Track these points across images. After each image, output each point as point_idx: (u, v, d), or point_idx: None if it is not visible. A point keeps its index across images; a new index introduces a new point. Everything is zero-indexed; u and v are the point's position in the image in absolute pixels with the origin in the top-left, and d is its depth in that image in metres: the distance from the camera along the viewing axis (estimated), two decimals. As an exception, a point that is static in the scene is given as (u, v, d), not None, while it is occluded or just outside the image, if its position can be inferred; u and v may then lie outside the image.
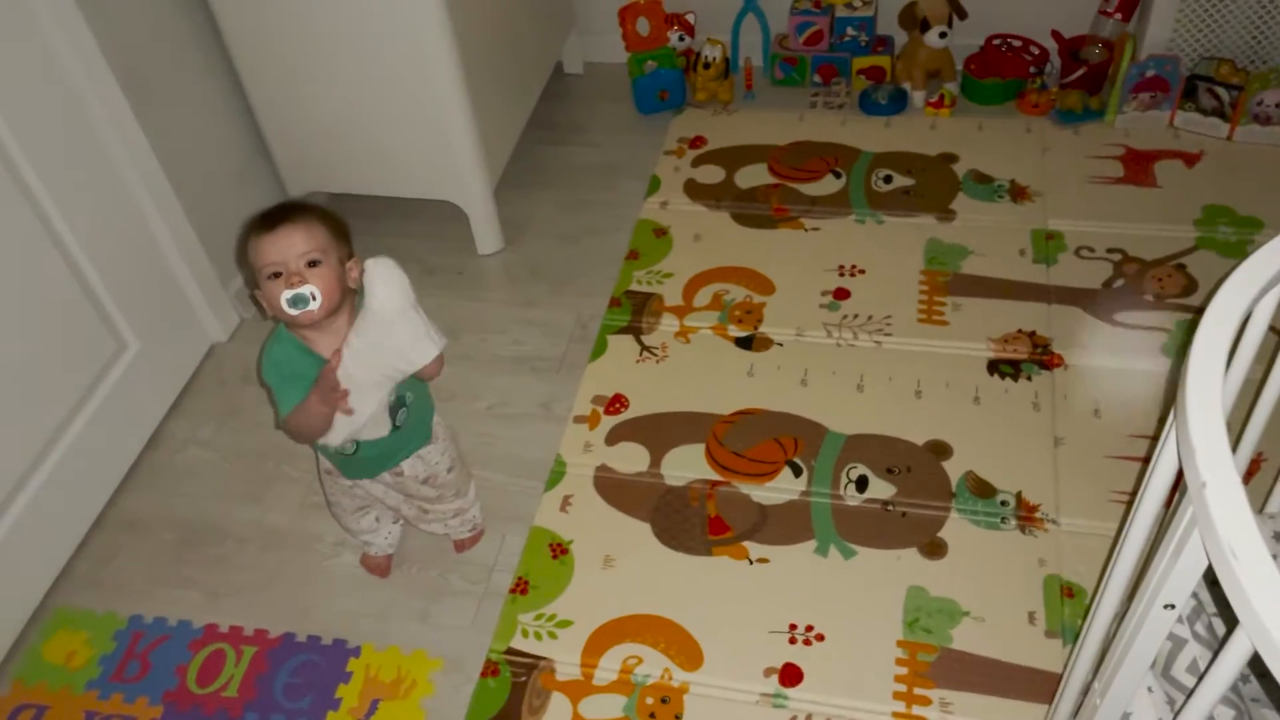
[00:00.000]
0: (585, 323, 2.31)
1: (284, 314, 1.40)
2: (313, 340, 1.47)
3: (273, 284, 1.38)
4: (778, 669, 1.68)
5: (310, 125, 2.33)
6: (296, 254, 1.38)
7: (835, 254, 2.36)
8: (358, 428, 1.50)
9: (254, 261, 1.40)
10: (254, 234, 1.40)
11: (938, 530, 1.84)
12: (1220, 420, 0.83)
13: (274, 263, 1.38)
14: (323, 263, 1.40)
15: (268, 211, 1.43)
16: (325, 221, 1.43)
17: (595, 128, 2.84)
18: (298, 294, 1.37)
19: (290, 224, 1.39)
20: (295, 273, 1.37)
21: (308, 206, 1.44)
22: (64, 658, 1.82)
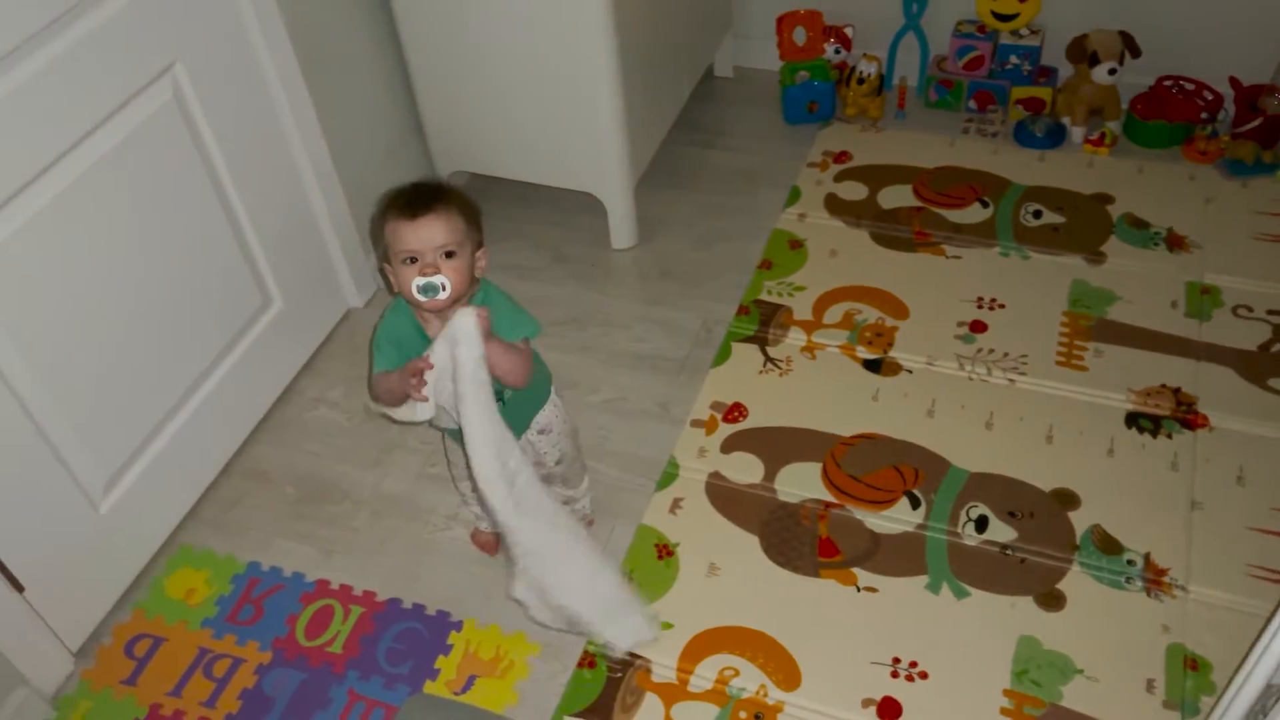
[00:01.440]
0: (711, 327, 2.30)
1: (412, 297, 1.44)
2: (428, 321, 1.51)
3: (407, 268, 1.42)
4: (876, 701, 1.65)
5: (465, 107, 2.38)
6: (435, 245, 1.41)
7: (975, 285, 2.30)
8: (430, 415, 1.52)
9: (390, 242, 1.44)
10: (394, 216, 1.42)
11: (1057, 581, 1.77)
12: None
13: (411, 250, 1.41)
14: (457, 254, 1.43)
15: (409, 192, 1.45)
16: (464, 212, 1.46)
17: (740, 133, 2.83)
18: (429, 283, 1.41)
19: (433, 214, 1.41)
20: (430, 263, 1.41)
21: (448, 191, 1.47)
22: (184, 594, 1.90)
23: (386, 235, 1.44)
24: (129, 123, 1.70)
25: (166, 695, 1.76)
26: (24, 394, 1.61)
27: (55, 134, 1.58)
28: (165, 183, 1.80)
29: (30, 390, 1.62)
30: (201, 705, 1.74)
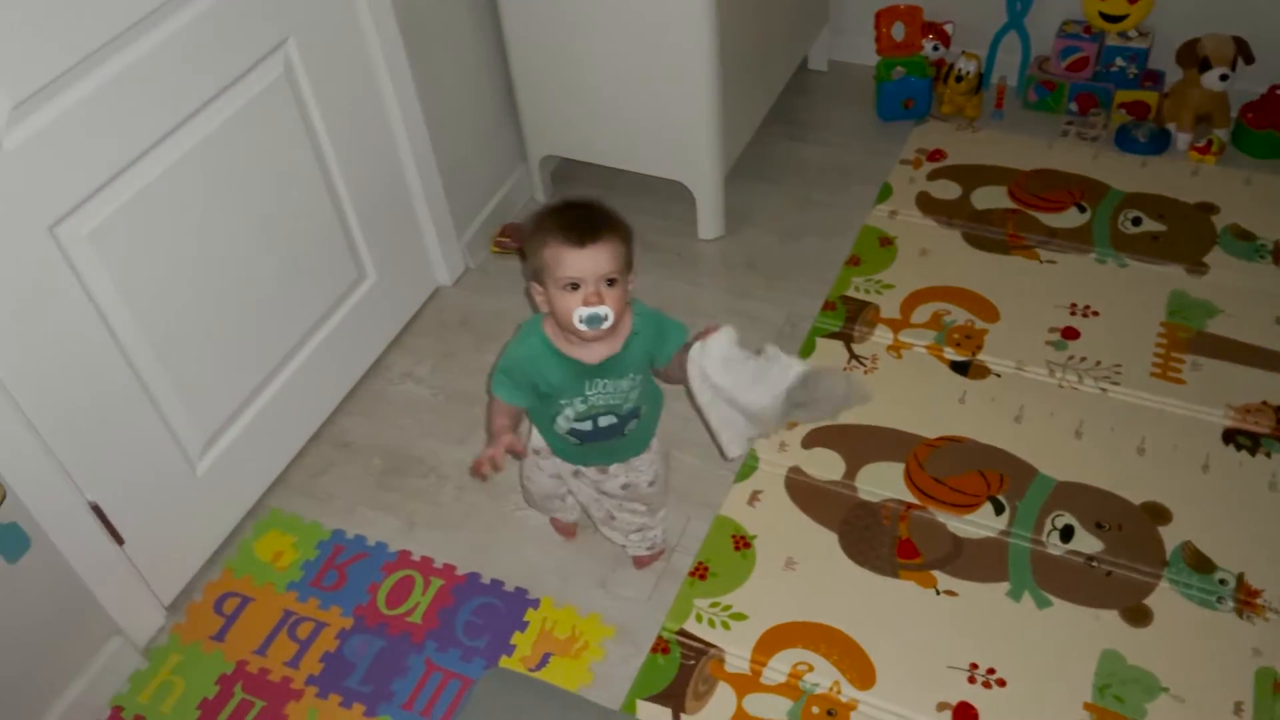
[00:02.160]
0: (796, 322, 2.29)
1: (572, 327, 1.40)
2: (574, 345, 1.47)
3: (567, 295, 1.37)
4: (952, 705, 1.63)
5: (561, 92, 2.39)
6: (599, 274, 1.36)
7: (1069, 291, 2.26)
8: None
9: (549, 265, 1.38)
10: (558, 240, 1.36)
11: (1144, 596, 1.74)
12: None
13: (574, 277, 1.36)
14: (618, 282, 1.39)
15: (573, 215, 1.39)
16: (625, 238, 1.41)
17: (832, 128, 2.81)
18: (594, 314, 1.36)
19: (601, 242, 1.36)
20: (594, 292, 1.36)
21: (611, 217, 1.41)
22: (271, 556, 1.96)
23: (544, 257, 1.38)
24: (242, 96, 1.75)
25: (252, 653, 1.81)
26: (134, 356, 1.67)
27: (172, 106, 1.63)
28: (273, 156, 1.85)
29: (140, 352, 1.68)
30: (285, 665, 1.79)
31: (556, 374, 1.49)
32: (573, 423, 1.54)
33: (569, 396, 1.51)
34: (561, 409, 1.53)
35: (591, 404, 1.52)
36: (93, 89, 1.49)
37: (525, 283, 1.57)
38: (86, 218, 1.54)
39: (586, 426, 1.55)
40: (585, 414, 1.53)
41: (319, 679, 1.77)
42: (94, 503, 1.67)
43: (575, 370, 1.49)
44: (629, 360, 1.50)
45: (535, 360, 1.49)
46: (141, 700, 1.77)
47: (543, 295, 1.43)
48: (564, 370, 1.48)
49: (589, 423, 1.54)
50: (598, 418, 1.54)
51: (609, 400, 1.53)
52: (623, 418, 1.56)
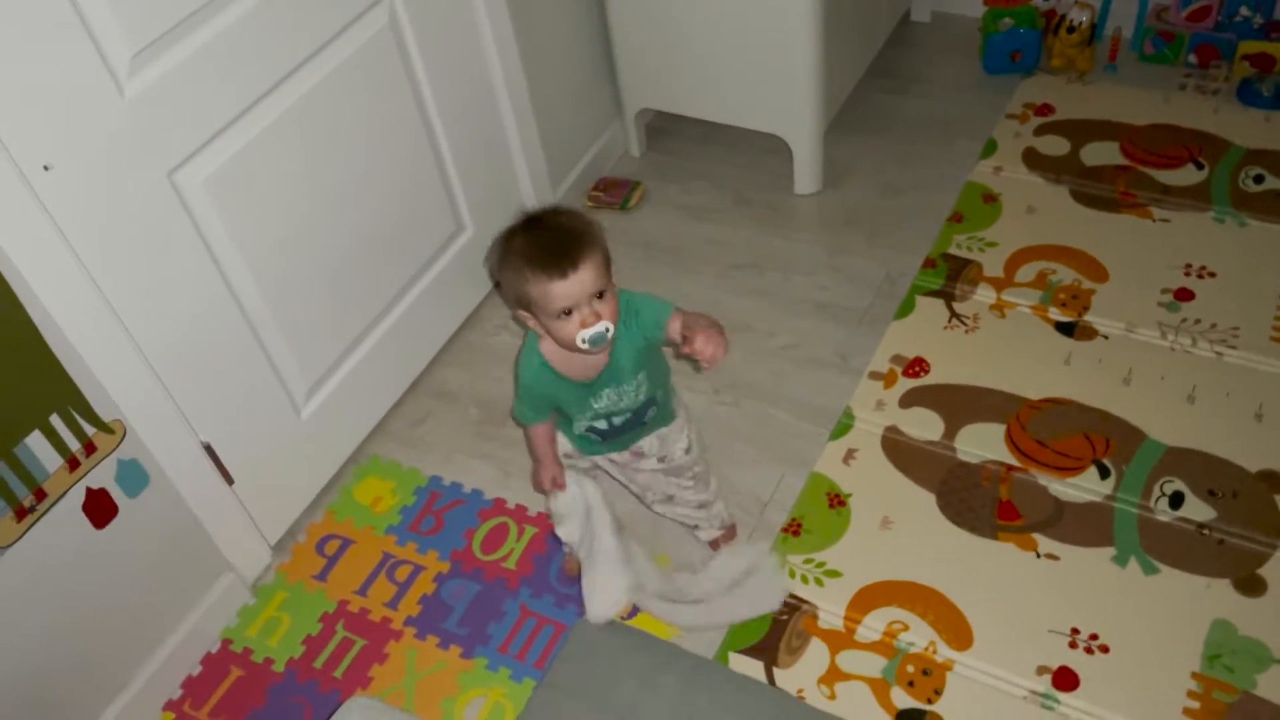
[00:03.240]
0: (895, 279, 2.25)
1: (576, 349, 1.37)
2: (571, 363, 1.45)
3: (564, 322, 1.33)
4: (1052, 669, 1.60)
5: (658, 44, 2.37)
6: (589, 294, 1.31)
7: (1184, 251, 2.17)
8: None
9: (539, 300, 1.33)
10: (539, 277, 1.30)
11: (1258, 566, 1.68)
12: None
13: (566, 305, 1.32)
14: (606, 291, 1.34)
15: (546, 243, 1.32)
16: (602, 245, 1.34)
17: (935, 80, 2.73)
18: (596, 334, 1.33)
19: (582, 267, 1.30)
20: (591, 312, 1.32)
21: (581, 232, 1.33)
22: (371, 500, 2.01)
23: (530, 294, 1.33)
24: (348, 47, 1.77)
25: (353, 593, 1.87)
26: (245, 301, 1.72)
27: (281, 57, 1.65)
28: (377, 107, 1.87)
29: (251, 298, 1.73)
30: (385, 605, 1.84)
31: (561, 393, 1.49)
32: (589, 423, 1.54)
33: (579, 411, 1.52)
34: (575, 418, 1.54)
35: (598, 412, 1.52)
36: (206, 40, 1.52)
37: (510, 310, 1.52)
38: (202, 165, 1.58)
39: (603, 426, 1.55)
40: (602, 416, 1.53)
41: (417, 620, 1.81)
42: (206, 443, 1.73)
43: (576, 389, 1.48)
44: (623, 364, 1.46)
45: (540, 383, 1.48)
46: (250, 634, 1.84)
47: (534, 321, 1.39)
48: (567, 389, 1.48)
49: (604, 422, 1.54)
50: (611, 418, 1.54)
51: (617, 405, 1.51)
52: (638, 411, 1.54)
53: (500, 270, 1.39)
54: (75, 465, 1.49)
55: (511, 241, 1.36)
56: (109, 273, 1.47)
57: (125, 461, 1.58)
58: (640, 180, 2.58)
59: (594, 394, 1.49)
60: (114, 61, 1.41)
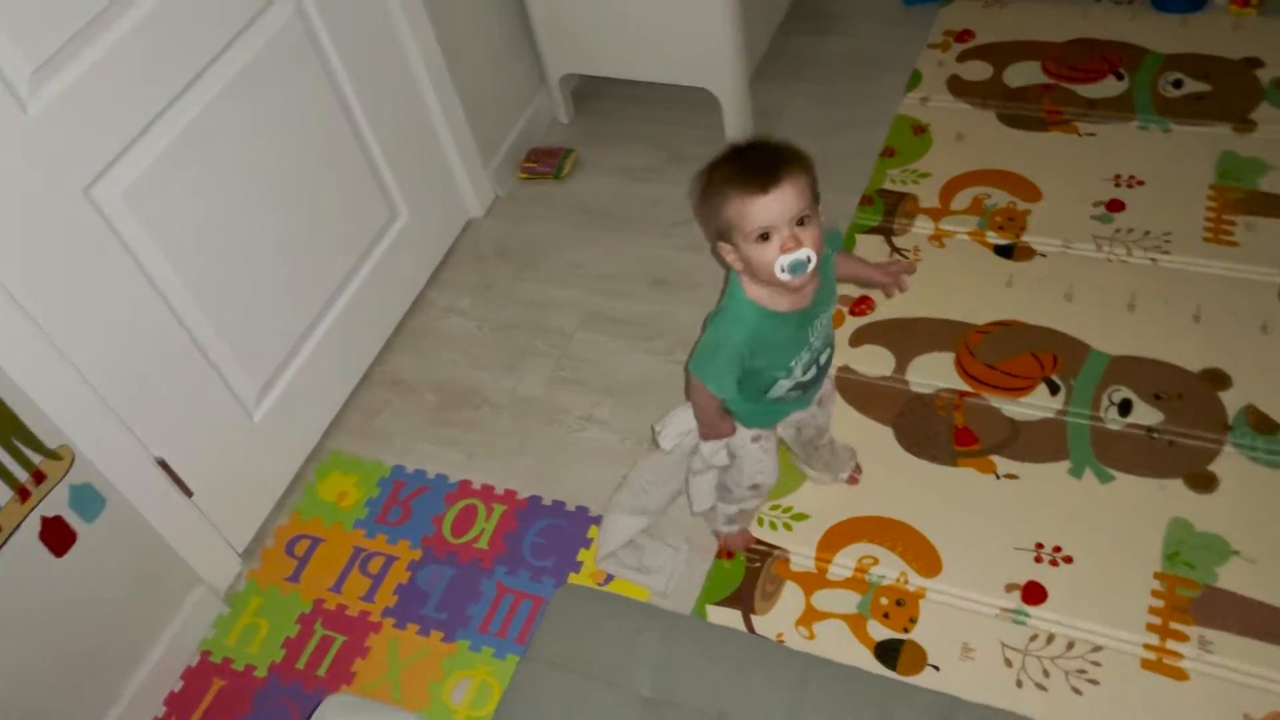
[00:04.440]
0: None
1: (775, 280, 1.27)
2: (785, 295, 1.34)
3: (762, 247, 1.25)
4: (1020, 585, 1.64)
5: (576, 7, 2.35)
6: (790, 216, 1.24)
7: (1112, 162, 2.20)
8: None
9: (734, 220, 1.26)
10: (738, 191, 1.24)
11: (1208, 463, 1.72)
12: None
13: (765, 226, 1.24)
14: (810, 218, 1.27)
15: (748, 160, 1.27)
16: (808, 169, 1.28)
17: (856, 17, 2.73)
18: (796, 260, 1.24)
19: (784, 184, 1.23)
20: (790, 236, 1.24)
21: (787, 152, 1.28)
22: (336, 496, 2.00)
23: (728, 214, 1.26)
24: (256, 41, 1.73)
25: (328, 590, 1.86)
26: (181, 311, 1.69)
27: (187, 58, 1.61)
28: (294, 101, 1.84)
29: (186, 307, 1.70)
30: (361, 599, 1.84)
31: (779, 338, 1.37)
32: (799, 378, 1.44)
33: (795, 351, 1.40)
34: (786, 372, 1.42)
35: (814, 349, 1.42)
36: (106, 49, 1.48)
37: (710, 244, 1.43)
38: (118, 178, 1.54)
39: (812, 374, 1.46)
40: (810, 361, 1.43)
41: (395, 610, 1.81)
42: (160, 458, 1.70)
43: (795, 322, 1.37)
44: (830, 284, 1.40)
45: (755, 338, 1.35)
46: (228, 643, 1.83)
47: (734, 253, 1.31)
48: (786, 328, 1.36)
49: (814, 369, 1.45)
50: (819, 357, 1.45)
51: (826, 333, 1.44)
52: (832, 345, 1.48)
53: (701, 197, 1.33)
54: (26, 495, 1.47)
55: (715, 168, 1.30)
56: (35, 296, 1.44)
57: (78, 486, 1.55)
58: (572, 147, 2.56)
59: (810, 324, 1.39)
60: (13, 79, 1.37)
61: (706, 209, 1.31)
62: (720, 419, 1.51)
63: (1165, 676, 1.51)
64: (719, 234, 1.32)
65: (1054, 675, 1.54)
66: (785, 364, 1.41)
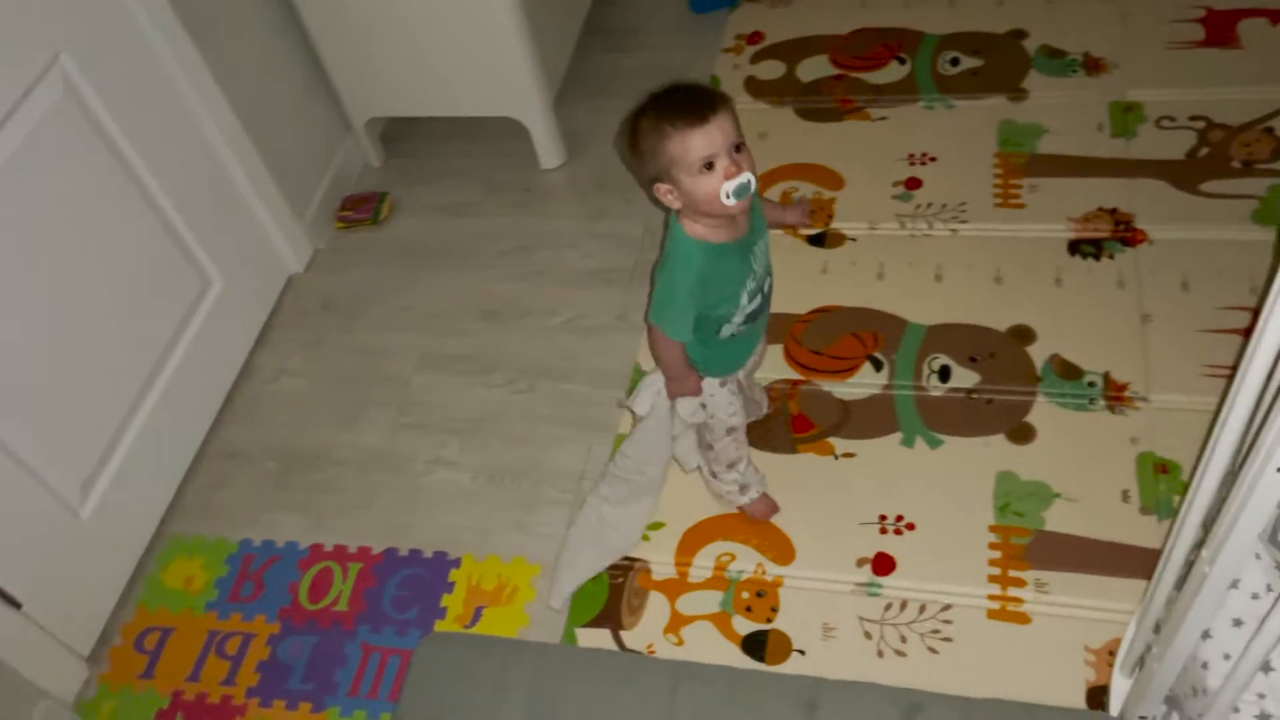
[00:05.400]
0: (654, 231, 2.30)
1: (720, 207, 1.32)
2: (724, 227, 1.39)
3: (706, 177, 1.30)
4: (870, 559, 1.70)
5: (367, 52, 2.32)
6: (729, 142, 1.30)
7: (904, 143, 2.31)
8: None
9: (680, 155, 1.30)
10: (679, 125, 1.29)
11: (1024, 415, 1.82)
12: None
13: (707, 155, 1.29)
14: (743, 144, 1.33)
15: (679, 98, 1.32)
16: (730, 102, 1.34)
17: (650, 31, 2.79)
18: (741, 183, 1.30)
19: (720, 112, 1.29)
20: (732, 161, 1.30)
21: (712, 89, 1.35)
22: (182, 582, 1.92)
23: (669, 150, 1.31)
24: (24, 126, 1.65)
25: (185, 681, 1.79)
26: (-21, 415, 1.60)
27: (-49, 149, 1.54)
28: (77, 180, 1.76)
29: (-15, 410, 1.61)
30: (221, 684, 1.77)
31: (725, 269, 1.42)
32: (747, 309, 1.49)
33: (741, 281, 1.45)
34: (735, 305, 1.47)
35: (758, 275, 1.48)
36: None
37: (645, 189, 1.48)
38: (-113, 286, 1.45)
39: (758, 303, 1.51)
40: (755, 290, 1.48)
41: (259, 689, 1.75)
42: (-21, 574, 1.61)
43: (738, 251, 1.42)
44: (759, 211, 1.46)
45: (705, 273, 1.40)
46: (84, 755, 1.73)
47: (674, 193, 1.35)
48: (730, 259, 1.42)
49: (759, 297, 1.51)
50: (763, 285, 1.51)
51: (765, 260, 1.50)
52: (770, 273, 1.53)
53: (634, 142, 1.36)
54: None
55: (642, 114, 1.34)
56: None
57: (-114, 619, 1.45)
58: (387, 190, 2.53)
59: (752, 250, 1.44)
60: None
61: (644, 152, 1.35)
62: (687, 370, 1.54)
63: (1010, 623, 1.60)
64: (657, 175, 1.36)
65: (911, 640, 1.61)
66: (735, 296, 1.46)
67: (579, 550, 1.78)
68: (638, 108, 1.37)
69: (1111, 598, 1.59)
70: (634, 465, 1.77)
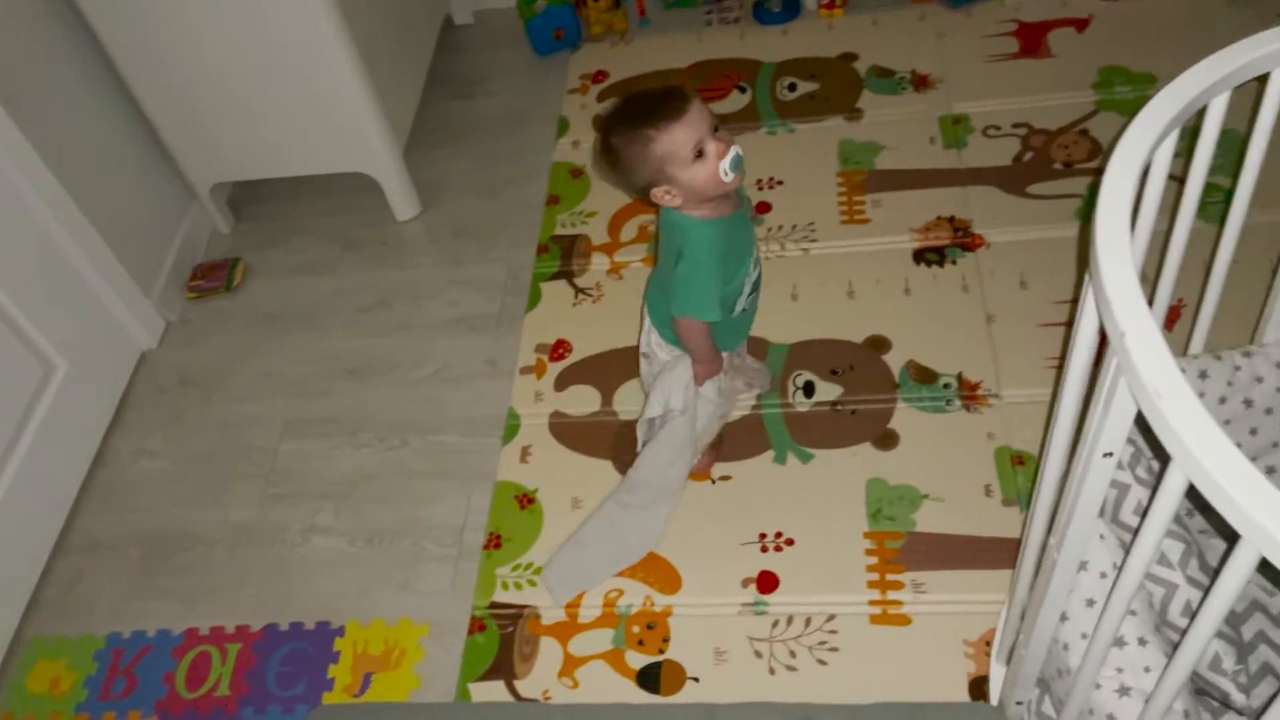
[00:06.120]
0: (516, 274, 2.31)
1: (722, 185, 1.40)
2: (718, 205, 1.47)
3: (700, 163, 1.38)
4: (754, 578, 1.73)
5: (204, 116, 2.27)
6: (710, 125, 1.38)
7: (752, 169, 2.36)
8: None
9: (671, 152, 1.38)
10: (662, 127, 1.37)
11: (888, 422, 1.89)
12: (1131, 270, 0.87)
13: (696, 143, 1.37)
14: (718, 123, 1.41)
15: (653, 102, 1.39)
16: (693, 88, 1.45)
17: (495, 76, 2.80)
18: (735, 155, 1.38)
19: (691, 100, 1.38)
20: (721, 140, 1.38)
21: (666, 85, 1.43)
22: (48, 686, 1.82)
23: (658, 152, 1.38)
24: None
25: (59, 791, 1.69)
26: None
27: None
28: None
29: None
30: (99, 789, 1.68)
31: (736, 239, 1.52)
32: (753, 278, 1.59)
33: (750, 248, 1.56)
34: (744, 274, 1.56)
35: (754, 248, 1.58)
36: None
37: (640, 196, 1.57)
38: None
39: (757, 273, 1.60)
40: (755, 260, 1.58)
41: (140, 789, 1.67)
42: None
43: (740, 221, 1.52)
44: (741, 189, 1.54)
45: (724, 250, 1.49)
46: None
47: (671, 191, 1.42)
48: (737, 230, 1.52)
49: (757, 268, 1.60)
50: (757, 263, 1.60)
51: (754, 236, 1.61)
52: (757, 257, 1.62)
53: (619, 157, 1.43)
54: None
55: (614, 131, 1.42)
56: None
57: None
58: (239, 256, 2.47)
59: (746, 221, 1.56)
60: None
61: (629, 164, 1.43)
62: (715, 351, 1.63)
63: (892, 625, 1.64)
64: (650, 181, 1.43)
65: (800, 654, 1.64)
66: (745, 266, 1.56)
67: (595, 550, 1.78)
68: (604, 128, 1.44)
69: (984, 590, 1.65)
70: (660, 468, 1.77)
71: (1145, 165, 0.99)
